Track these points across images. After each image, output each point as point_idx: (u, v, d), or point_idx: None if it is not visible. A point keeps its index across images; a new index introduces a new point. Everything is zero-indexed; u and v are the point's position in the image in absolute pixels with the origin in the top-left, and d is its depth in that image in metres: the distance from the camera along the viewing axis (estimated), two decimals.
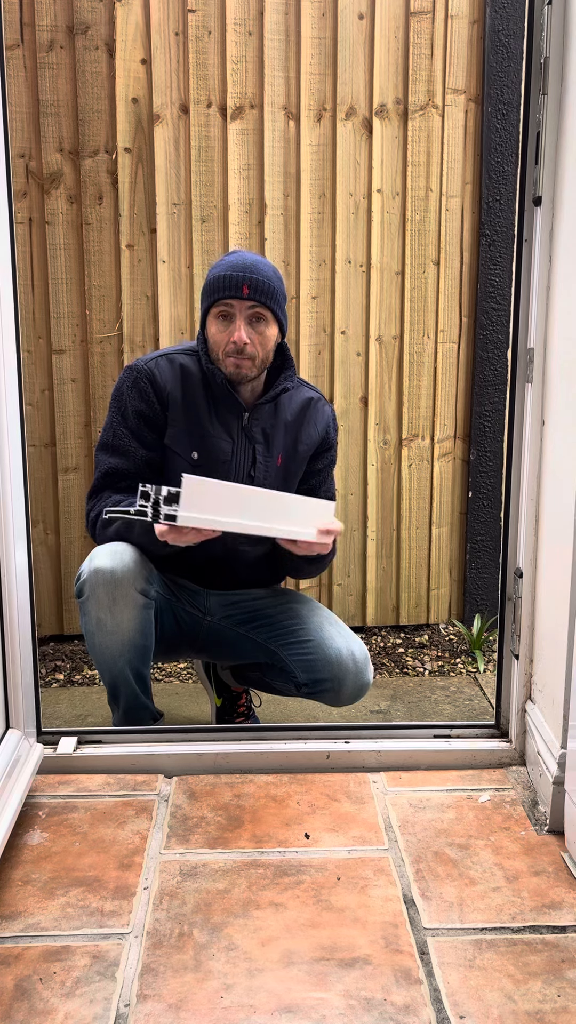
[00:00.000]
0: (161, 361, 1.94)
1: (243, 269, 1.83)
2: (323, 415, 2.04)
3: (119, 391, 1.94)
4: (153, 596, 1.89)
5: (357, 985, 1.25)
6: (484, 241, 2.86)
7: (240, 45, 2.66)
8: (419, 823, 1.64)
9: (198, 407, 1.92)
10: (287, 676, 2.03)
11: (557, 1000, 1.22)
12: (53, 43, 2.60)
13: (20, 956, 1.30)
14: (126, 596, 1.82)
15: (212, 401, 1.93)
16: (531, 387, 1.74)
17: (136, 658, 1.88)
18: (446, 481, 2.99)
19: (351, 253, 2.81)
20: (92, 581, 1.83)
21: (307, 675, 1.96)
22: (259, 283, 1.83)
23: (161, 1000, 1.22)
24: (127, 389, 1.92)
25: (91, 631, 1.87)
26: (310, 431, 2.01)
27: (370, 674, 1.97)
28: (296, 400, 2.00)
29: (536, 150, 1.67)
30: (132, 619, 1.84)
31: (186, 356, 1.95)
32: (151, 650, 1.92)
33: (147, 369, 1.92)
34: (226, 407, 1.93)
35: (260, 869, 1.50)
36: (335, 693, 1.95)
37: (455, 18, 2.73)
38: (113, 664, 1.88)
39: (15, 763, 1.67)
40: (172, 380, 1.92)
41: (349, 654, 1.93)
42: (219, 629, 2.08)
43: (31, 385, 2.76)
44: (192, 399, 1.92)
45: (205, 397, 1.93)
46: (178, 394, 1.92)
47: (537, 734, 1.74)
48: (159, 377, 1.91)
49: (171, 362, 1.93)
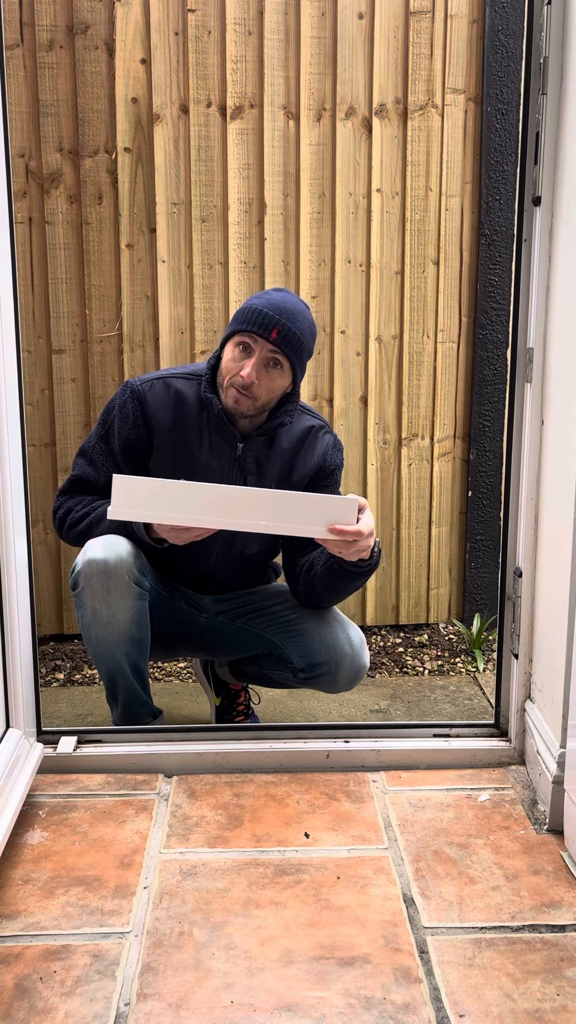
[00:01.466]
0: (157, 384, 1.92)
1: (281, 313, 1.80)
2: (321, 444, 1.99)
3: (110, 407, 1.95)
4: (147, 587, 1.89)
5: (357, 984, 1.25)
6: (484, 241, 2.86)
7: (240, 45, 2.66)
8: (419, 822, 1.64)
9: (188, 434, 1.91)
10: (284, 664, 2.04)
11: (556, 999, 1.23)
12: (53, 43, 2.60)
13: (20, 955, 1.30)
14: (120, 585, 1.83)
15: (207, 429, 1.91)
16: (530, 387, 1.74)
17: (133, 651, 1.89)
18: (446, 481, 2.99)
19: (351, 253, 2.81)
20: (86, 571, 1.83)
21: (304, 660, 1.97)
22: (290, 334, 1.81)
23: (161, 999, 1.22)
24: (117, 408, 1.92)
25: (87, 623, 1.87)
26: (305, 459, 1.98)
27: (366, 657, 1.97)
28: (295, 429, 1.97)
29: (535, 150, 1.67)
30: (127, 609, 1.84)
31: (184, 381, 1.93)
32: (147, 644, 1.92)
33: (140, 391, 1.91)
34: (221, 436, 1.91)
35: (260, 868, 1.51)
36: (332, 677, 1.95)
37: (455, 18, 2.73)
38: (110, 657, 1.88)
39: (15, 762, 1.67)
40: (164, 405, 1.90)
41: (345, 637, 1.94)
42: (216, 625, 2.09)
43: (31, 385, 2.76)
44: (183, 426, 1.91)
45: (198, 424, 1.91)
46: (167, 421, 1.90)
47: (536, 733, 1.74)
48: (150, 401, 1.90)
49: (167, 387, 1.92)
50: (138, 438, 1.91)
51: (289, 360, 1.83)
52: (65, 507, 1.96)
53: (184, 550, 1.90)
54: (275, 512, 1.66)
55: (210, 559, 1.99)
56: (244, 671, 2.21)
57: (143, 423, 1.90)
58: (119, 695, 1.95)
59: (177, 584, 2.07)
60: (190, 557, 1.96)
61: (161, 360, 2.77)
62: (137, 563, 1.86)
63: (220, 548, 1.98)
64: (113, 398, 1.95)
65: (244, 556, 2.01)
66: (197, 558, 1.98)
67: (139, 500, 1.63)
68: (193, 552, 1.93)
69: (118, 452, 1.93)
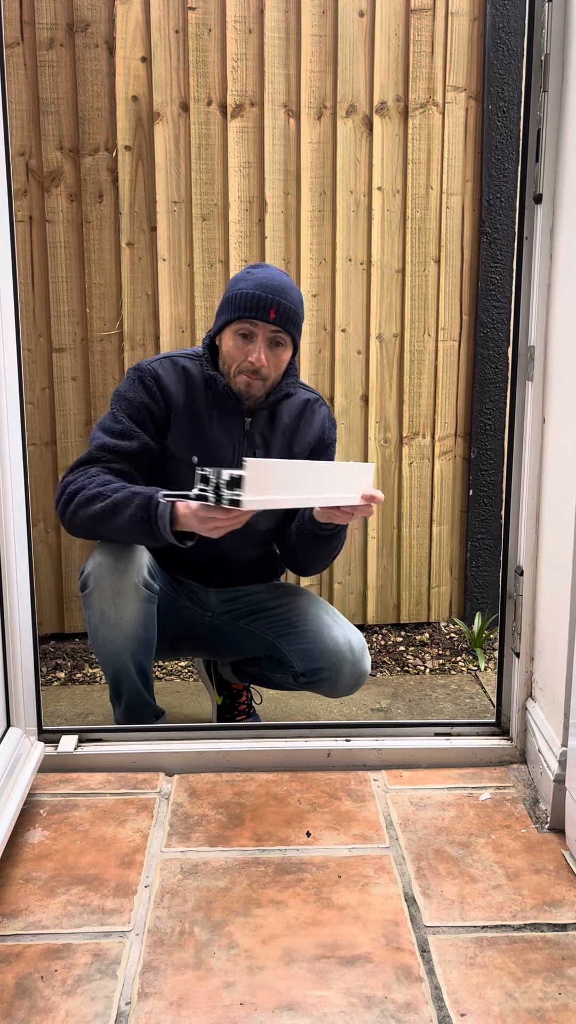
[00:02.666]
0: (165, 362, 1.94)
1: (272, 291, 1.81)
2: (319, 416, 2.04)
3: (122, 389, 1.93)
4: (156, 590, 1.89)
5: (358, 983, 1.25)
6: (485, 239, 2.85)
7: (240, 43, 2.65)
8: (420, 821, 1.64)
9: (199, 411, 1.92)
10: (285, 667, 2.03)
11: (558, 998, 1.22)
12: (53, 41, 2.60)
13: (21, 954, 1.30)
14: (129, 589, 1.82)
15: (214, 405, 1.92)
16: (532, 385, 1.73)
17: (139, 652, 1.89)
18: (447, 479, 2.99)
19: (351, 251, 2.81)
20: (96, 574, 1.83)
21: (305, 665, 1.97)
22: (286, 309, 1.82)
23: (162, 998, 1.22)
24: (133, 384, 1.91)
25: (94, 624, 1.87)
26: (306, 433, 2.02)
27: (367, 663, 1.97)
28: (294, 403, 2.00)
29: (537, 147, 1.67)
30: (135, 612, 1.84)
31: (188, 360, 1.95)
32: (153, 645, 1.92)
33: (151, 369, 1.92)
34: (228, 412, 1.93)
35: (261, 867, 1.50)
36: (332, 682, 1.95)
37: (455, 15, 2.72)
38: (116, 658, 1.88)
39: (16, 761, 1.67)
40: (175, 382, 1.91)
41: (346, 643, 1.94)
42: (219, 625, 2.09)
43: (31, 383, 2.76)
44: (194, 403, 1.92)
45: (206, 401, 1.92)
46: (181, 397, 1.91)
47: (538, 732, 1.74)
48: (163, 377, 1.91)
49: (174, 364, 1.93)
50: (159, 411, 1.90)
51: (290, 334, 1.86)
52: (79, 482, 1.81)
53: None
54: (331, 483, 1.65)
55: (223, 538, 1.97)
56: (246, 671, 2.21)
57: (161, 397, 1.90)
58: (123, 695, 1.94)
59: (183, 578, 2.06)
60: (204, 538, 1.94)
61: None
62: (147, 565, 1.86)
63: None
64: (123, 383, 1.93)
65: (256, 533, 2.00)
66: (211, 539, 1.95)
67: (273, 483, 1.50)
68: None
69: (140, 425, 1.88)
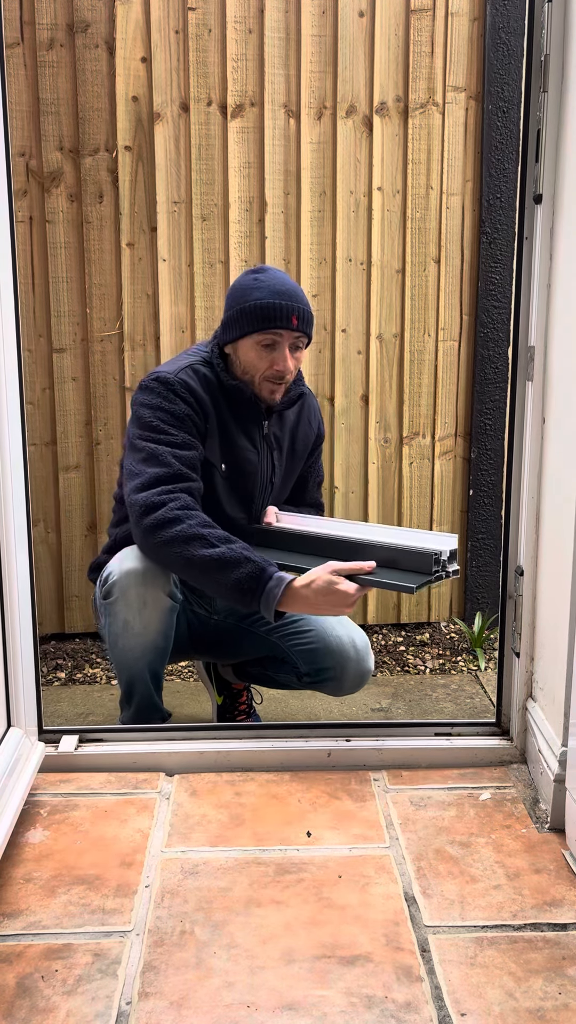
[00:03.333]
0: (188, 372, 1.86)
1: (289, 297, 1.82)
2: (313, 410, 2.08)
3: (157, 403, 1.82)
4: (179, 599, 1.89)
5: (358, 983, 1.25)
6: (485, 239, 2.85)
7: (240, 43, 2.65)
8: (420, 821, 1.64)
9: (224, 418, 1.90)
10: (289, 667, 2.03)
11: (558, 997, 1.22)
12: (53, 41, 2.60)
13: (22, 954, 1.30)
14: (156, 599, 1.82)
15: (235, 411, 1.92)
16: (532, 385, 1.73)
17: (156, 660, 1.89)
18: (447, 479, 2.99)
19: (351, 251, 2.81)
20: (123, 583, 1.81)
21: (309, 665, 1.97)
22: (304, 313, 1.84)
23: (163, 998, 1.22)
24: (167, 397, 1.81)
25: (116, 632, 1.86)
26: (306, 430, 2.05)
27: (371, 662, 1.97)
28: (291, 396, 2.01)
29: (537, 148, 1.67)
30: (158, 622, 1.84)
31: (206, 367, 1.90)
32: (169, 651, 1.93)
33: (181, 380, 1.83)
34: (249, 417, 1.92)
35: (261, 867, 1.50)
36: (337, 682, 1.95)
37: (455, 15, 2.72)
38: (134, 665, 1.88)
39: (17, 761, 1.67)
40: (203, 391, 1.87)
41: (350, 642, 1.94)
42: (224, 627, 2.09)
43: (32, 384, 2.76)
44: (218, 410, 1.90)
45: (228, 408, 1.91)
46: (210, 405, 1.88)
47: (538, 732, 1.74)
48: (194, 388, 1.84)
49: (195, 373, 1.87)
50: (199, 422, 1.85)
51: (308, 335, 1.89)
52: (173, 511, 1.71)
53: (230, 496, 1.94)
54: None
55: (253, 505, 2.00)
56: (248, 671, 2.21)
57: (199, 407, 1.84)
58: (134, 700, 1.94)
59: None
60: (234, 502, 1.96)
61: (162, 359, 2.77)
62: (173, 575, 1.85)
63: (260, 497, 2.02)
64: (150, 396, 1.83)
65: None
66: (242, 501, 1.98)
67: None
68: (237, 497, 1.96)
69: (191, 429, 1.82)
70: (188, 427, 1.83)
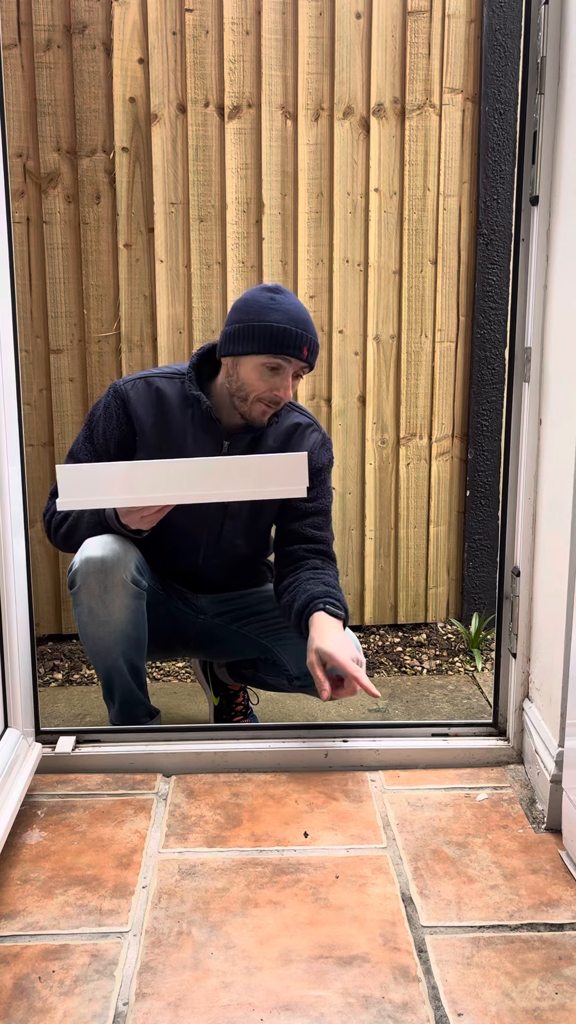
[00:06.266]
0: (139, 383, 1.93)
1: (303, 326, 1.81)
2: (308, 442, 1.97)
3: (95, 409, 1.96)
4: (145, 587, 1.89)
5: (355, 983, 1.25)
6: (481, 240, 2.86)
7: (238, 44, 2.66)
8: (417, 821, 1.64)
9: (171, 432, 1.90)
10: (280, 670, 2.03)
11: (555, 997, 1.23)
12: (50, 42, 2.60)
13: (19, 955, 1.30)
14: (117, 585, 1.83)
15: (192, 426, 1.91)
16: (528, 386, 1.74)
17: (130, 649, 1.89)
18: (444, 480, 2.99)
19: (349, 252, 2.81)
20: (83, 570, 1.83)
21: (299, 668, 1.97)
22: (314, 344, 1.83)
23: (160, 998, 1.22)
24: (101, 409, 1.94)
25: (84, 621, 1.87)
26: None
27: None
28: (282, 426, 1.97)
29: (533, 149, 1.67)
30: (124, 608, 1.84)
31: (165, 380, 1.93)
32: (144, 643, 1.92)
33: (122, 390, 1.92)
34: (207, 433, 1.91)
35: (258, 868, 1.51)
36: None
37: (452, 17, 2.73)
38: (107, 655, 1.88)
39: (14, 762, 1.67)
40: (145, 403, 1.90)
41: None
42: (212, 627, 2.09)
43: (29, 384, 2.76)
44: (166, 423, 1.90)
45: (182, 422, 1.90)
46: (149, 418, 1.90)
47: (535, 732, 1.74)
48: (132, 399, 1.91)
49: (148, 385, 1.92)
50: (122, 436, 1.92)
51: (312, 366, 1.87)
52: (52, 509, 1.96)
53: (172, 547, 1.90)
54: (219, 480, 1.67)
55: (198, 557, 1.99)
56: (242, 673, 2.21)
57: (126, 421, 1.91)
58: (115, 694, 1.95)
59: (174, 584, 2.07)
60: (180, 554, 1.97)
61: (159, 360, 2.78)
62: (135, 561, 1.86)
63: (207, 546, 1.98)
64: (99, 400, 1.96)
65: (232, 555, 2.01)
66: (186, 555, 1.98)
67: (85, 487, 1.65)
68: (182, 549, 1.94)
69: (103, 451, 1.93)
70: (100, 444, 1.93)
